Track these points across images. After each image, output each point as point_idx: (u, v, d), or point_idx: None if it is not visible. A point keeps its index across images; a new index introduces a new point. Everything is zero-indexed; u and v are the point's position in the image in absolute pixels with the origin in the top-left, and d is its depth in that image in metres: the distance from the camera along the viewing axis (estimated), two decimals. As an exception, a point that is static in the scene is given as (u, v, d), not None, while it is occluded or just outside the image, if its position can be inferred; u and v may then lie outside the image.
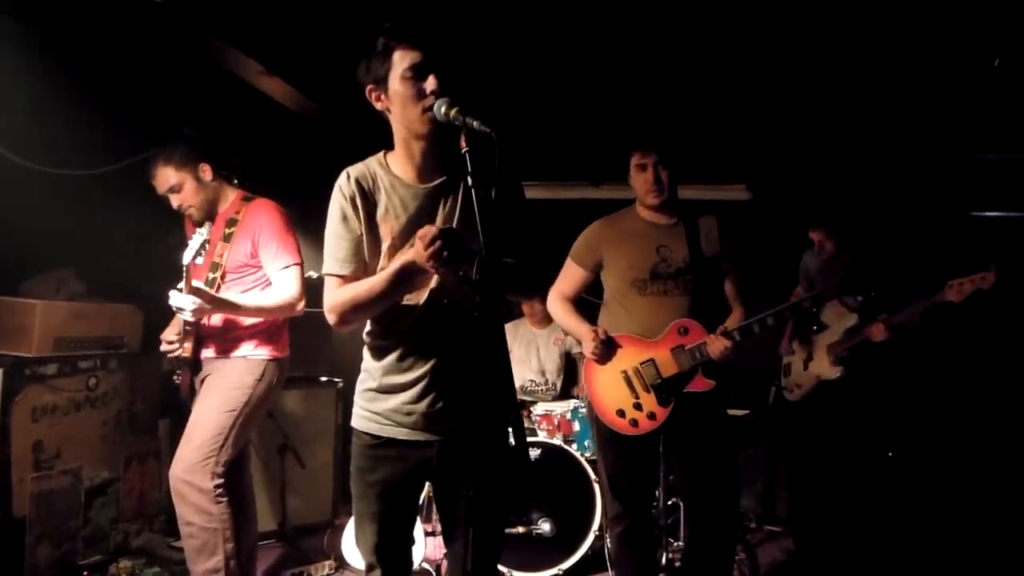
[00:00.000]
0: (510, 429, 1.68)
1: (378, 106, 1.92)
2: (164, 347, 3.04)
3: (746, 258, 2.89)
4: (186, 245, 2.78)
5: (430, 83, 1.80)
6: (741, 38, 3.59)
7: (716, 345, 2.66)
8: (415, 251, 1.74)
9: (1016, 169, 4.78)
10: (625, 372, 2.79)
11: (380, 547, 2.00)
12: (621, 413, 2.78)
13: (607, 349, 2.80)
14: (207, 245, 2.82)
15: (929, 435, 4.25)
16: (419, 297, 1.90)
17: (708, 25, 3.47)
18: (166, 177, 2.99)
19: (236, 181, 3.22)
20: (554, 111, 4.52)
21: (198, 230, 2.82)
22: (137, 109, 3.75)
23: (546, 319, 4.64)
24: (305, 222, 3.44)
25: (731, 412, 4.26)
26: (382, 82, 1.86)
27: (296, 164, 4.76)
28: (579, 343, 4.61)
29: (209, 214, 3.02)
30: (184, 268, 2.73)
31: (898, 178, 4.92)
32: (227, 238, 2.96)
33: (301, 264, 2.99)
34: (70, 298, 3.57)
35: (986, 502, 4.23)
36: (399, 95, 1.84)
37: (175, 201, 3.02)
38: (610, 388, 2.82)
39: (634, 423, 2.76)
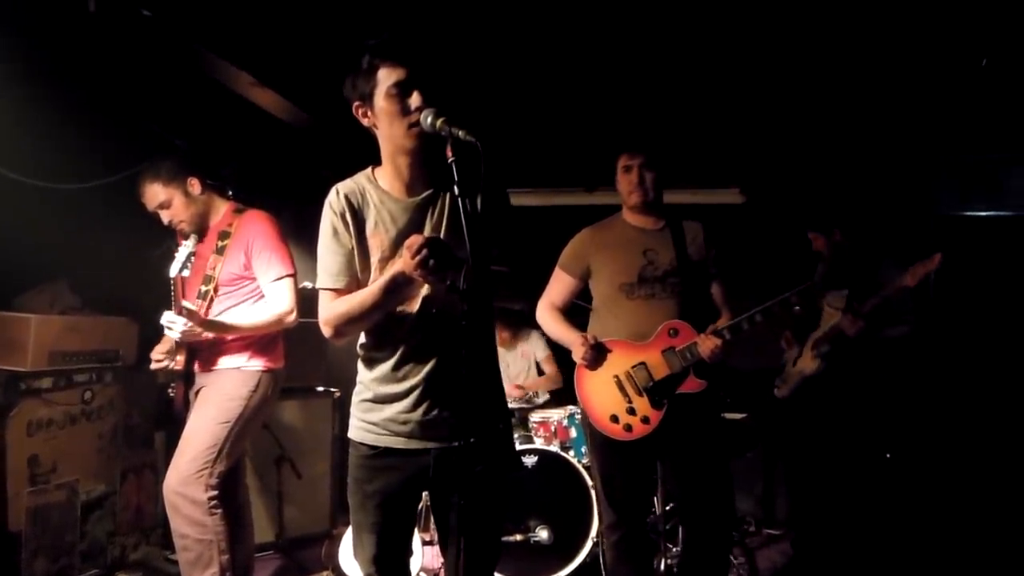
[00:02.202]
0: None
1: (365, 122, 1.95)
2: (154, 365, 3.04)
3: (740, 262, 2.90)
4: (173, 257, 2.78)
5: (414, 99, 1.84)
6: (733, 43, 3.60)
7: (706, 344, 2.66)
8: (403, 261, 1.77)
9: (991, 169, 4.87)
10: (617, 377, 2.78)
11: (379, 558, 2.00)
12: (615, 418, 2.77)
13: (597, 355, 2.79)
14: (193, 257, 2.81)
15: (914, 432, 4.27)
16: (410, 307, 1.93)
17: (700, 30, 3.49)
18: (154, 194, 2.99)
19: (230, 193, 3.22)
20: (547, 117, 4.53)
21: (184, 242, 2.82)
22: (130, 122, 3.76)
23: (512, 340, 4.76)
24: (299, 232, 3.45)
25: (728, 416, 4.32)
26: (368, 99, 1.90)
27: (290, 175, 4.77)
28: (542, 350, 4.73)
29: (200, 228, 3.02)
30: (171, 281, 2.73)
31: (878, 178, 4.97)
32: (220, 251, 2.96)
33: (294, 275, 2.99)
34: (64, 312, 3.56)
35: (979, 500, 4.24)
36: (385, 111, 1.88)
37: (165, 217, 3.03)
38: (602, 394, 2.80)
39: (628, 428, 2.75)
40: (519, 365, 4.82)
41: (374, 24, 3.26)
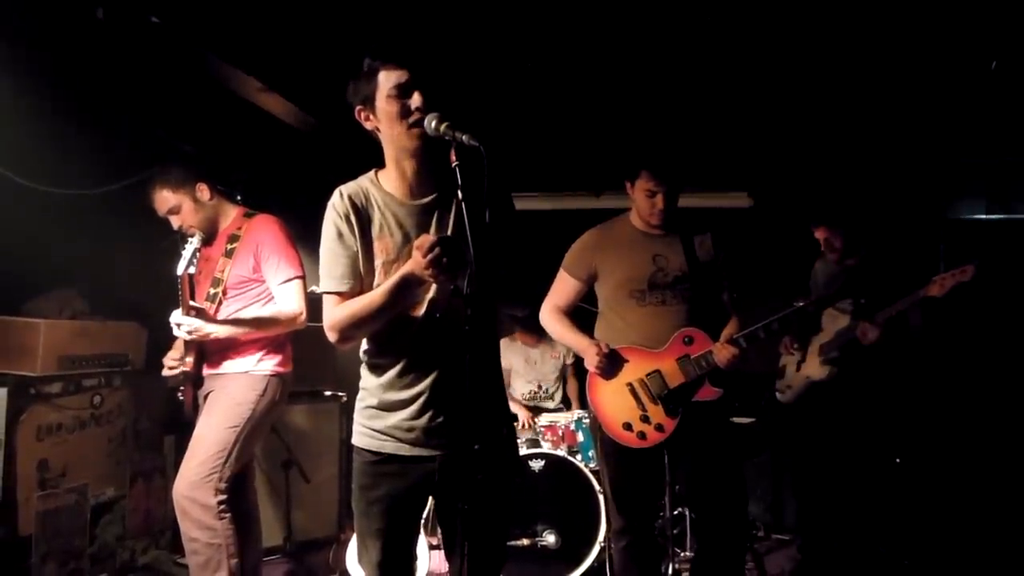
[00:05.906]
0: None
1: (367, 126, 1.94)
2: (166, 372, 3.04)
3: (748, 266, 2.88)
4: (179, 254, 2.79)
5: (415, 100, 1.84)
6: (740, 47, 3.60)
7: (723, 353, 2.65)
8: (413, 261, 1.76)
9: (999, 172, 4.83)
10: (631, 384, 2.76)
11: (384, 564, 1.99)
12: (628, 426, 2.75)
13: (611, 363, 2.76)
14: (199, 253, 2.82)
15: (924, 437, 4.23)
16: (415, 312, 1.92)
17: (707, 34, 3.48)
18: (164, 200, 3.01)
19: (239, 198, 3.23)
20: (554, 122, 4.53)
21: (189, 239, 2.82)
22: (138, 128, 3.78)
23: (537, 339, 4.68)
24: (308, 237, 3.44)
25: (736, 420, 4.30)
26: (369, 102, 1.90)
27: (298, 179, 4.78)
28: (572, 355, 4.66)
29: (210, 233, 3.03)
30: (178, 279, 2.74)
31: (890, 180, 4.95)
32: (229, 253, 2.98)
33: (303, 277, 3.00)
34: (74, 317, 3.58)
35: (988, 505, 4.20)
36: (386, 113, 1.88)
37: (175, 222, 3.05)
38: (616, 401, 2.78)
39: (642, 435, 2.73)
40: (548, 365, 4.75)
41: (380, 28, 3.27)
